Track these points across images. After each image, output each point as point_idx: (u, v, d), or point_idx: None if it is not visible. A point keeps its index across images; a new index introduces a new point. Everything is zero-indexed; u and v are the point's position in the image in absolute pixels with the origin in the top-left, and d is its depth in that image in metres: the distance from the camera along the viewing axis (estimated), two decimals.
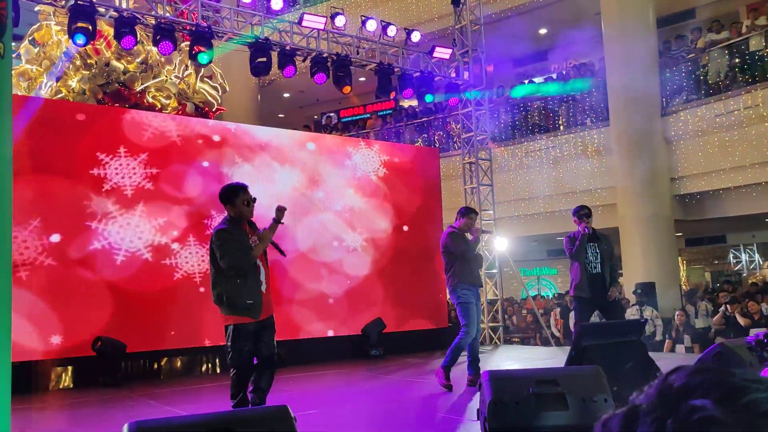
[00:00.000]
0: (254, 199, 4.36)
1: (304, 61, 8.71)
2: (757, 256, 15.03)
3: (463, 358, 6.02)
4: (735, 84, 10.14)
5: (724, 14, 12.64)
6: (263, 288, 4.34)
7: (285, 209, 4.42)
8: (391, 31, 9.16)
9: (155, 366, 7.36)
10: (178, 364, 7.57)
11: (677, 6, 12.98)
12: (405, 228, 9.29)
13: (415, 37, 9.45)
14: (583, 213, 6.28)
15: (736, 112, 9.78)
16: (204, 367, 7.70)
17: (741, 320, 8.43)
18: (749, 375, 0.53)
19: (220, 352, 7.56)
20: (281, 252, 4.56)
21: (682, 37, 11.66)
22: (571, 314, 10.57)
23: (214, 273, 4.30)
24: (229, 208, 4.32)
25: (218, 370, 7.66)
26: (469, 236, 6.00)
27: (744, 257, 15.13)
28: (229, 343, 4.27)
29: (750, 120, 9.67)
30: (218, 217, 7.32)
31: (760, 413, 0.51)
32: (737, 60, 10.29)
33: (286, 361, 7.89)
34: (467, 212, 6.06)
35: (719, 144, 10.02)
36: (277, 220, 4.38)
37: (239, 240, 4.23)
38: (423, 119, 13.72)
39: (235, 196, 4.27)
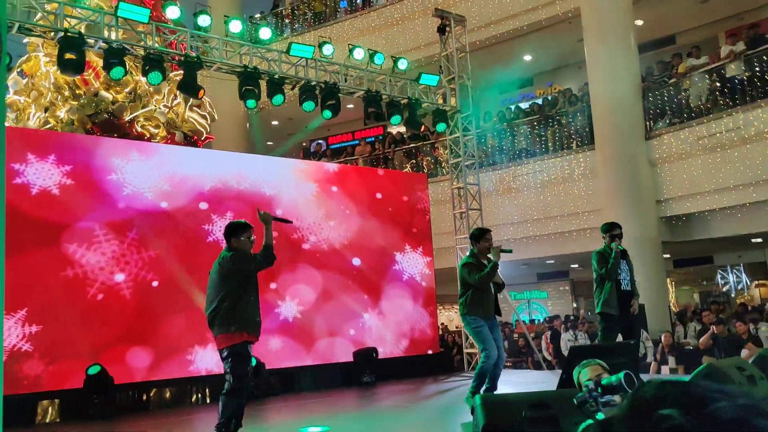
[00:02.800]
0: (254, 240, 4.60)
1: (292, 89, 8.80)
2: (744, 276, 15.15)
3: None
4: (716, 107, 10.34)
5: (703, 40, 12.95)
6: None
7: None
8: (378, 58, 9.30)
9: (144, 398, 7.25)
10: (167, 395, 7.47)
11: (658, 32, 13.28)
12: (397, 253, 9.34)
13: (402, 64, 9.59)
14: (615, 232, 6.05)
15: (718, 135, 9.96)
16: (194, 398, 7.60)
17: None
18: (713, 386, 0.57)
19: (209, 382, 7.48)
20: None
21: (664, 63, 11.92)
22: (563, 336, 10.58)
23: (221, 292, 4.39)
24: (233, 241, 4.54)
25: (208, 401, 7.56)
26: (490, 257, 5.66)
27: (731, 278, 15.24)
28: (228, 367, 4.30)
29: (732, 142, 9.84)
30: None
31: (724, 421, 0.54)
32: (718, 84, 10.51)
33: (279, 390, 7.83)
34: (482, 234, 5.80)
35: (703, 166, 10.18)
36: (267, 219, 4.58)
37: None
38: (411, 145, 13.84)
39: (243, 231, 4.54)
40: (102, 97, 9.29)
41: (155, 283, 7.31)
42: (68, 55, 6.95)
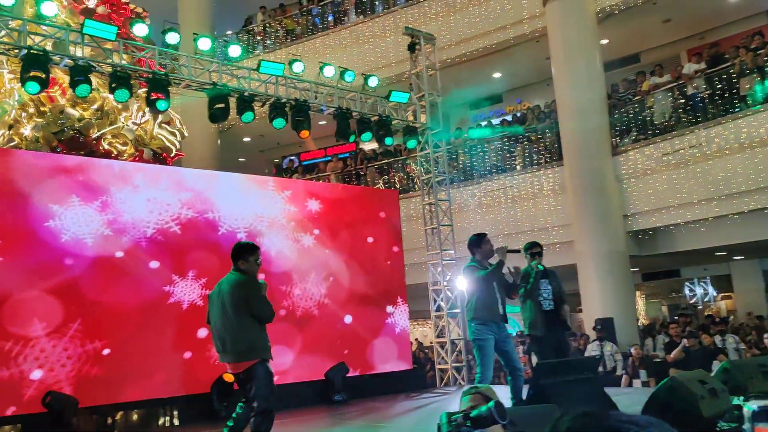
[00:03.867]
0: (260, 262, 4.64)
1: (262, 106, 8.77)
2: (710, 288, 15.47)
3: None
4: (679, 124, 10.61)
5: (667, 58, 13.31)
6: None
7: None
8: (349, 76, 9.34)
9: (109, 421, 7.08)
10: (134, 417, 7.31)
11: (623, 51, 13.62)
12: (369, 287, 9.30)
13: (373, 82, 9.65)
14: (535, 251, 6.25)
15: (681, 151, 10.21)
16: (161, 421, 7.44)
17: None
18: (623, 416, 0.58)
19: (177, 404, 7.34)
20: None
21: (628, 80, 12.21)
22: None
23: (241, 320, 4.36)
24: (241, 263, 4.53)
25: (176, 422, 7.41)
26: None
27: (698, 290, 15.55)
28: (260, 386, 4.33)
29: (695, 158, 10.10)
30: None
31: None
32: (681, 102, 10.80)
33: None
34: (481, 238, 5.69)
35: (668, 182, 10.41)
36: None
37: (264, 293, 4.51)
38: (383, 161, 13.89)
39: (251, 253, 4.54)
40: (68, 114, 9.15)
41: (106, 351, 6.85)
42: (33, 73, 6.84)
